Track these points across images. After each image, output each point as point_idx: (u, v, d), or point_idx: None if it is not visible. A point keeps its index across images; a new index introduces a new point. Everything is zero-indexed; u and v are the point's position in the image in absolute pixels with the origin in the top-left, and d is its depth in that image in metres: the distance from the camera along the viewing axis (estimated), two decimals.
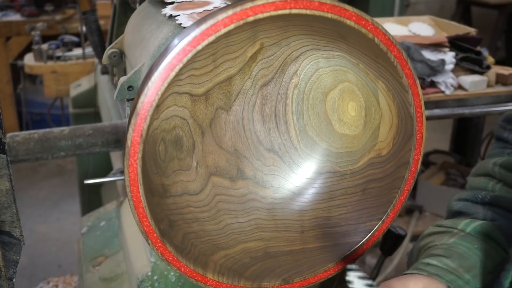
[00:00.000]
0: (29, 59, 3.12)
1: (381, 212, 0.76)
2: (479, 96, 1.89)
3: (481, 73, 1.93)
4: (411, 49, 1.84)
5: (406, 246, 2.33)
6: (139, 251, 1.03)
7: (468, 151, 2.63)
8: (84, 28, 2.62)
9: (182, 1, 0.84)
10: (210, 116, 0.75)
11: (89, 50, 2.93)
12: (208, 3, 0.81)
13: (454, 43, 1.95)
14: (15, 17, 4.06)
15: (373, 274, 1.08)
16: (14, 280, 0.67)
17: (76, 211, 2.89)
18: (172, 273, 0.94)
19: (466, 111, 1.87)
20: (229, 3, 0.69)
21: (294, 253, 0.77)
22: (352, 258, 0.77)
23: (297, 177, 0.81)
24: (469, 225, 0.86)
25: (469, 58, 1.93)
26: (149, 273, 0.95)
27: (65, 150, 1.24)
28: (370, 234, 0.76)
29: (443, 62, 1.84)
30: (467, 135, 2.60)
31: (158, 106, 0.61)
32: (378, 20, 0.65)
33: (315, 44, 0.74)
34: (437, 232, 0.88)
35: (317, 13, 0.62)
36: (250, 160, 0.79)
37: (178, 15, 0.78)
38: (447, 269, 0.79)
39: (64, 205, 3.49)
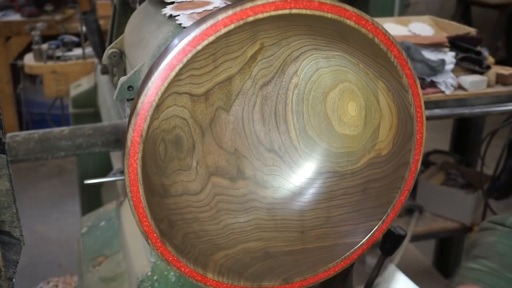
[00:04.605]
0: (29, 59, 3.12)
1: (381, 212, 0.76)
2: (479, 96, 1.89)
3: (481, 73, 1.93)
4: (411, 49, 1.84)
5: (406, 246, 2.33)
6: (139, 251, 1.03)
7: (468, 151, 2.63)
8: (84, 28, 2.62)
9: (182, 1, 0.84)
10: (210, 116, 0.75)
11: (89, 50, 2.93)
12: (208, 3, 0.81)
13: (454, 43, 1.95)
14: (15, 17, 4.06)
15: (373, 274, 1.08)
16: (14, 280, 0.67)
17: (76, 211, 2.89)
18: (172, 273, 0.94)
19: (466, 111, 1.87)
20: (229, 3, 0.69)
21: (294, 253, 0.77)
22: (352, 258, 0.77)
23: (297, 177, 0.81)
24: None
25: (469, 58, 1.93)
26: (149, 273, 0.95)
27: (65, 150, 1.24)
28: (370, 234, 0.76)
29: (443, 62, 1.84)
30: (467, 135, 2.60)
31: (158, 106, 0.61)
32: (378, 20, 0.65)
33: (315, 44, 0.74)
34: (484, 228, 0.86)
35: (317, 13, 0.62)
36: (250, 160, 0.79)
37: (178, 15, 0.78)
38: (488, 271, 0.78)
39: (64, 205, 3.49)
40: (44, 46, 3.08)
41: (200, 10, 0.78)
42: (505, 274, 0.78)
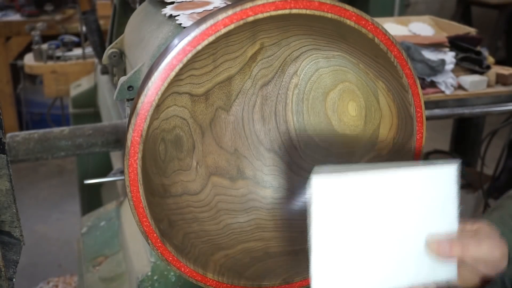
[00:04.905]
0: (29, 59, 3.12)
1: None
2: (479, 96, 1.89)
3: (481, 73, 1.93)
4: (411, 49, 1.84)
5: None
6: (139, 251, 1.03)
7: (468, 151, 2.63)
8: (84, 28, 2.62)
9: (182, 1, 0.84)
10: (210, 116, 0.75)
11: (89, 50, 2.93)
12: (208, 3, 0.81)
13: (454, 43, 1.95)
14: (15, 17, 4.06)
15: None
16: (14, 280, 0.67)
17: (76, 211, 2.89)
18: (172, 273, 0.94)
19: (466, 111, 1.87)
20: (229, 3, 0.69)
21: (295, 253, 0.77)
22: None
23: (297, 177, 0.81)
24: None
25: (469, 58, 1.93)
26: (149, 273, 0.95)
27: (65, 150, 1.24)
28: None
29: (443, 62, 1.84)
30: (467, 135, 2.60)
31: (158, 106, 0.61)
32: (378, 20, 0.65)
33: (315, 44, 0.74)
34: None
35: (317, 13, 0.62)
36: (250, 160, 0.79)
37: (178, 15, 0.78)
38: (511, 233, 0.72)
39: (64, 205, 3.49)
40: (44, 46, 3.08)
41: (200, 10, 0.78)
42: None
